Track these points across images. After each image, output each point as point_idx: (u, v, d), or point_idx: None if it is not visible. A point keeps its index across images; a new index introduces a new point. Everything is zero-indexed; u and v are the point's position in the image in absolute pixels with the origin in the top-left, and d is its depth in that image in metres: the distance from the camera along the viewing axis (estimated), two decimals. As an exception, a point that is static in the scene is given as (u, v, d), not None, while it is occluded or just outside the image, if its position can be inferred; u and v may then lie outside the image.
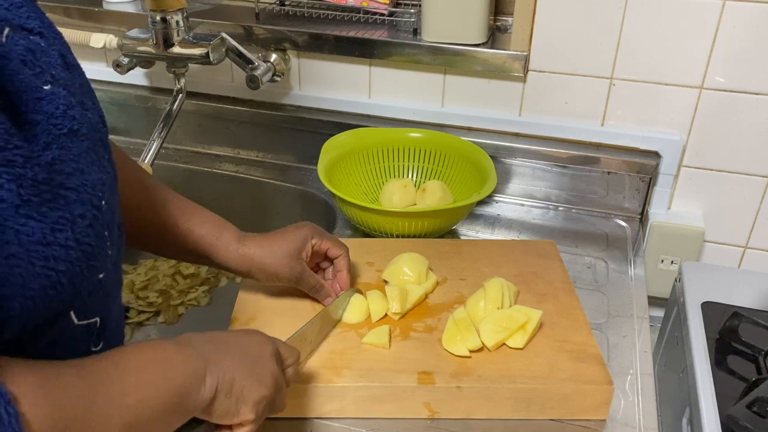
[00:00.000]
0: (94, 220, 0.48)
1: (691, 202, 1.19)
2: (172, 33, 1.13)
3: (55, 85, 0.48)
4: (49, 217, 0.44)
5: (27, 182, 0.43)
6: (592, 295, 0.99)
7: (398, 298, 0.86)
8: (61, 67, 0.51)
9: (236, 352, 0.61)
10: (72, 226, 0.46)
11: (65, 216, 0.45)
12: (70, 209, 0.46)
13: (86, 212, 0.47)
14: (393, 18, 1.22)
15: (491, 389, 0.76)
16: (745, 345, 0.97)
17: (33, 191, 0.43)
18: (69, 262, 0.46)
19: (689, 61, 1.08)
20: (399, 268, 0.91)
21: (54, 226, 0.44)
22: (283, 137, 1.32)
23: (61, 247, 0.45)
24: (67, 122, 0.48)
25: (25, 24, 0.49)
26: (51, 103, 0.47)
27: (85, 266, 0.47)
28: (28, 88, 0.46)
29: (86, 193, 0.48)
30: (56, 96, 0.48)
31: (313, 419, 0.78)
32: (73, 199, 0.46)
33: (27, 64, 0.46)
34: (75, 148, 0.48)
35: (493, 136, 1.21)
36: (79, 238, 0.46)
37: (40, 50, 0.49)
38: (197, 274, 1.25)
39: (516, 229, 1.17)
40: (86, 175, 0.48)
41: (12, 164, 0.42)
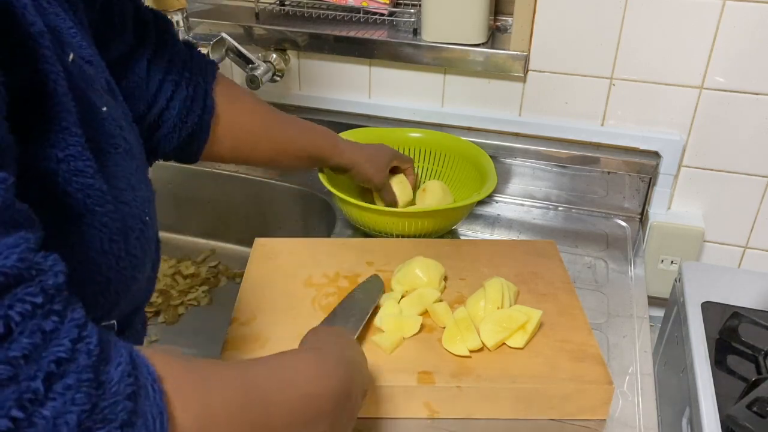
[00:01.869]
0: (141, 234, 0.51)
1: (691, 202, 1.19)
2: (172, 33, 1.13)
3: (109, 108, 0.51)
4: (109, 227, 0.47)
5: (95, 192, 0.46)
6: (592, 295, 0.99)
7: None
8: (107, 92, 0.54)
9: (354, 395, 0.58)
10: (125, 238, 0.49)
11: (120, 228, 0.48)
12: (125, 222, 0.49)
13: (135, 226, 0.51)
14: (393, 18, 1.22)
15: (491, 389, 0.76)
16: (745, 345, 0.97)
17: (98, 201, 0.46)
18: (118, 272, 0.48)
19: (689, 61, 1.09)
20: (411, 270, 0.90)
21: (112, 237, 0.47)
22: (283, 137, 1.32)
23: (114, 256, 0.48)
24: (122, 143, 0.52)
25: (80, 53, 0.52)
26: (110, 125, 0.51)
27: (130, 276, 0.50)
28: (94, 109, 0.49)
29: (137, 208, 0.51)
30: (112, 118, 0.51)
31: (313, 419, 0.77)
32: (127, 213, 0.50)
33: (89, 86, 0.50)
34: (128, 167, 0.52)
35: (493, 136, 1.21)
36: (129, 249, 0.49)
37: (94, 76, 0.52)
38: (197, 274, 1.25)
39: (516, 229, 1.17)
40: (136, 191, 0.52)
41: (83, 174, 0.45)
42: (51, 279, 0.34)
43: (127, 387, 0.36)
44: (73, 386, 0.33)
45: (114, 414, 0.35)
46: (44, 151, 0.43)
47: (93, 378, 0.34)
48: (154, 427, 0.36)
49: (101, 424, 0.34)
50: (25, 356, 0.31)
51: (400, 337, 0.81)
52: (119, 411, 0.35)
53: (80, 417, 0.33)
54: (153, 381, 0.38)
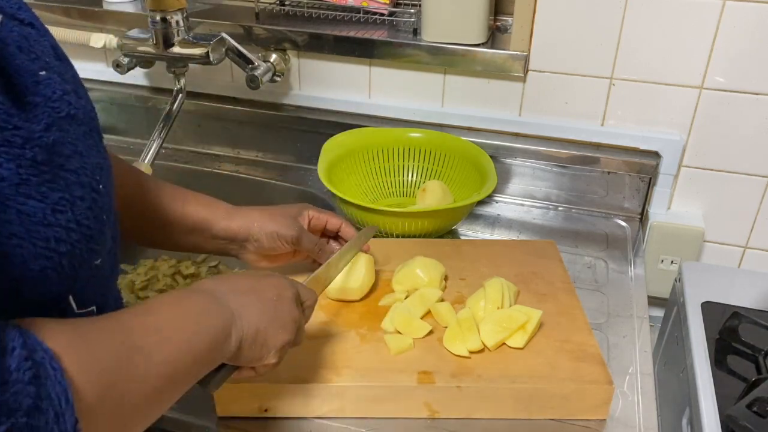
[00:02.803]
0: (93, 203, 0.49)
1: (691, 202, 1.19)
2: (172, 33, 1.13)
3: (50, 72, 0.49)
4: (49, 197, 0.45)
5: (26, 162, 0.43)
6: (592, 295, 0.99)
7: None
8: (54, 57, 0.52)
9: (258, 299, 0.63)
10: (72, 208, 0.47)
11: (65, 197, 0.46)
12: (70, 191, 0.47)
13: (85, 194, 0.48)
14: (393, 18, 1.22)
15: (491, 389, 0.76)
16: (745, 345, 0.97)
17: (32, 171, 0.44)
18: (70, 244, 0.46)
19: (689, 61, 1.08)
20: (411, 270, 0.90)
21: (55, 207, 0.45)
22: (283, 137, 1.32)
23: (62, 228, 0.46)
24: (64, 106, 0.49)
25: (17, 14, 0.50)
26: (48, 87, 0.48)
27: (85, 249, 0.48)
28: (25, 72, 0.46)
29: (85, 176, 0.49)
30: (52, 81, 0.49)
31: (313, 419, 0.78)
32: (72, 181, 0.47)
33: (23, 50, 0.47)
34: (73, 132, 0.49)
35: (493, 136, 1.21)
36: (80, 219, 0.47)
37: (33, 39, 0.50)
38: (197, 274, 1.25)
39: (516, 229, 1.17)
40: (85, 158, 0.49)
41: (11, 144, 0.43)
42: None
43: (26, 372, 0.37)
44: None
45: (18, 403, 0.35)
46: None
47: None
48: (60, 404, 0.38)
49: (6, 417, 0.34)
50: None
51: (410, 341, 0.81)
52: (23, 398, 0.36)
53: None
54: (50, 359, 0.39)
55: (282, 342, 0.64)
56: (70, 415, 0.39)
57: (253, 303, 0.63)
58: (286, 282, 0.69)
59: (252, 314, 0.61)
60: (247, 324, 0.60)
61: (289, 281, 0.69)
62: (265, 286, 0.66)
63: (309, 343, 0.81)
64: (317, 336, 0.83)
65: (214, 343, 0.57)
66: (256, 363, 0.64)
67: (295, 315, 0.67)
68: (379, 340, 0.82)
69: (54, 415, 0.38)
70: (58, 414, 0.38)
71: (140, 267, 1.26)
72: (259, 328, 0.61)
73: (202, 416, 0.78)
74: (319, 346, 0.81)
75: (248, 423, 0.77)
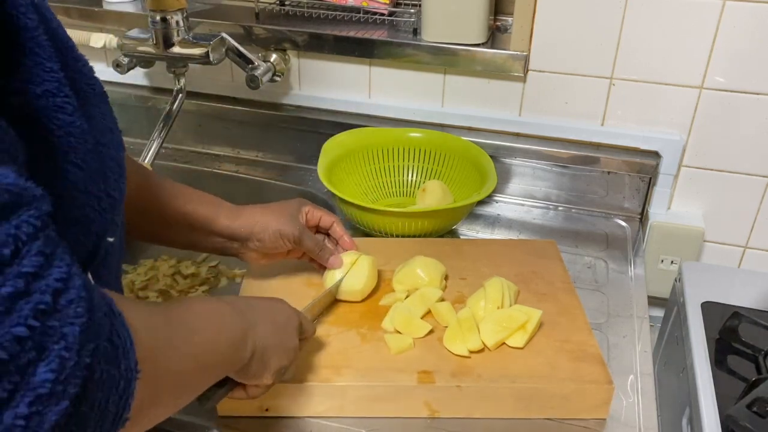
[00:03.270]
0: (119, 177, 0.52)
1: (691, 202, 1.19)
2: (172, 33, 1.13)
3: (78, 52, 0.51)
4: (90, 166, 0.47)
5: (76, 130, 0.45)
6: (592, 295, 0.99)
7: None
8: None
9: (269, 321, 0.65)
10: (104, 179, 0.49)
11: (100, 168, 0.49)
12: (104, 162, 0.49)
13: (114, 167, 0.51)
14: (393, 18, 1.22)
15: (491, 388, 0.76)
16: (745, 345, 0.97)
17: (80, 139, 0.46)
18: (100, 213, 0.49)
19: (689, 61, 1.09)
20: (412, 270, 0.90)
21: (92, 176, 0.47)
22: (283, 137, 1.32)
23: (94, 197, 0.48)
24: (97, 84, 0.51)
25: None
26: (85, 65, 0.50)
27: (110, 219, 0.50)
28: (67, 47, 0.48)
29: (114, 150, 0.51)
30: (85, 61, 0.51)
31: (313, 418, 0.78)
32: (105, 155, 0.50)
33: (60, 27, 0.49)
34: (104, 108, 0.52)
35: (493, 136, 1.21)
36: (109, 191, 0.50)
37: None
38: (197, 274, 1.25)
39: (516, 229, 1.17)
40: (114, 133, 0.52)
41: (63, 111, 0.44)
42: (45, 205, 0.36)
43: (103, 305, 0.40)
44: (75, 300, 0.37)
45: (101, 327, 0.39)
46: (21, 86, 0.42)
47: (87, 296, 0.38)
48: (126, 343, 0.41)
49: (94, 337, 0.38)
50: (35, 274, 0.34)
51: (410, 341, 0.81)
52: (104, 325, 0.39)
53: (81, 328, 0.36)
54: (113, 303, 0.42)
55: (280, 365, 0.66)
56: (133, 355, 0.42)
57: (266, 322, 0.65)
58: (292, 311, 0.71)
59: (265, 331, 0.64)
60: (260, 338, 0.62)
61: (294, 310, 0.71)
62: (277, 311, 0.68)
63: (309, 342, 0.81)
64: (318, 335, 0.83)
65: (234, 345, 0.59)
66: (253, 380, 0.65)
67: (295, 344, 0.69)
68: (379, 339, 0.82)
69: (123, 350, 0.41)
70: (125, 351, 0.41)
71: (140, 267, 1.26)
72: (268, 345, 0.63)
73: (202, 416, 0.78)
74: (320, 346, 0.81)
75: (249, 422, 0.77)
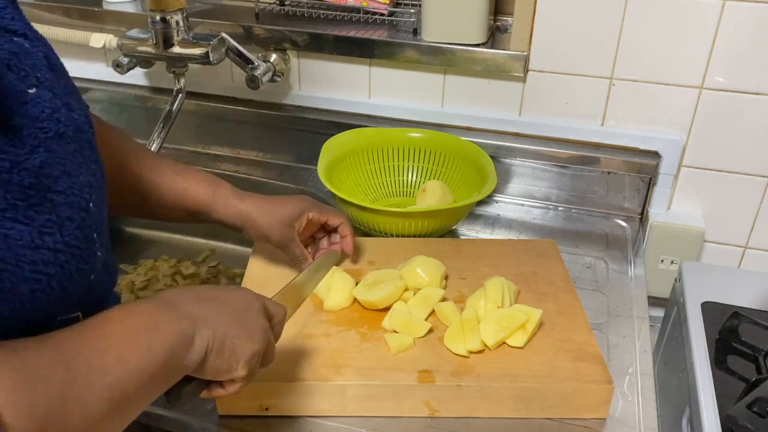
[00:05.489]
0: (82, 223, 0.48)
1: (691, 202, 1.19)
2: (172, 33, 1.13)
3: (40, 88, 0.48)
4: (36, 220, 0.44)
5: (13, 187, 0.43)
6: (592, 295, 0.99)
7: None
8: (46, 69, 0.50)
9: (225, 308, 0.59)
10: (60, 229, 0.46)
11: (52, 219, 0.45)
12: (58, 212, 0.46)
13: (74, 215, 0.47)
14: (393, 18, 1.22)
15: (491, 388, 0.76)
16: (745, 345, 0.97)
17: (19, 195, 0.43)
18: (58, 266, 0.46)
19: (689, 61, 1.09)
20: (412, 270, 0.90)
21: (42, 230, 0.44)
22: (283, 137, 1.32)
23: (49, 250, 0.45)
24: (53, 125, 0.48)
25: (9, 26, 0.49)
26: (36, 107, 0.47)
27: (75, 269, 0.47)
28: (12, 93, 0.45)
29: (74, 196, 0.48)
30: (42, 99, 0.47)
31: (313, 417, 0.78)
32: (60, 202, 0.46)
33: (11, 68, 0.46)
34: (61, 151, 0.48)
35: (493, 136, 1.21)
36: (68, 240, 0.47)
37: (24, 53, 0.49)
38: (197, 274, 1.25)
39: (516, 229, 1.17)
40: (73, 177, 0.48)
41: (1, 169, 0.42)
42: None
43: None
44: None
45: None
46: None
47: None
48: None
49: None
50: None
51: (410, 340, 0.81)
52: None
53: None
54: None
55: (251, 352, 0.59)
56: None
57: (218, 311, 0.58)
58: (252, 295, 0.65)
59: (219, 321, 0.57)
60: (213, 331, 0.56)
61: (256, 295, 0.65)
62: (231, 298, 0.62)
63: (309, 341, 0.81)
64: (317, 335, 0.83)
65: (172, 355, 0.52)
66: (225, 375, 0.58)
67: (263, 325, 0.62)
68: (379, 338, 0.82)
69: None
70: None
71: (140, 267, 1.26)
72: (227, 334, 0.57)
73: (202, 416, 0.78)
74: (320, 345, 0.81)
75: (249, 421, 0.77)
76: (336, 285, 0.88)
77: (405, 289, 0.88)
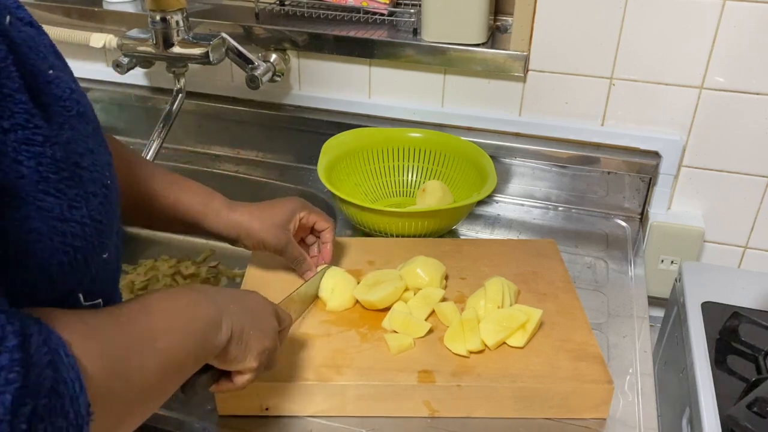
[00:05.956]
0: (104, 199, 0.51)
1: (691, 202, 1.19)
2: (172, 33, 1.13)
3: (56, 70, 0.50)
4: (66, 194, 0.46)
5: (46, 160, 0.45)
6: (592, 295, 0.99)
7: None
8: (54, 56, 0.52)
9: (243, 305, 0.65)
10: (86, 204, 0.48)
11: (80, 194, 0.48)
12: (85, 187, 0.48)
13: (97, 190, 0.50)
14: (393, 18, 1.22)
15: (491, 388, 0.76)
16: (745, 345, 0.97)
17: (51, 168, 0.45)
18: (84, 239, 0.48)
19: (689, 61, 1.09)
20: (412, 270, 0.90)
21: (71, 203, 0.47)
22: (283, 137, 1.32)
23: (77, 223, 0.47)
24: (74, 105, 0.50)
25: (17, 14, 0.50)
26: (58, 87, 0.49)
27: (97, 243, 0.50)
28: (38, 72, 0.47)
29: (97, 172, 0.50)
30: (61, 80, 0.50)
31: (313, 417, 0.78)
32: (86, 178, 0.49)
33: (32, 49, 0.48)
34: (83, 130, 0.50)
35: (493, 136, 1.21)
36: (93, 215, 0.49)
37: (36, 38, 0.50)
38: (197, 274, 1.25)
39: (516, 229, 1.17)
40: (96, 155, 0.51)
41: (32, 143, 0.44)
42: None
43: (44, 356, 0.39)
44: (5, 367, 0.36)
45: (39, 385, 0.38)
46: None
47: (22, 357, 0.37)
48: (74, 389, 0.40)
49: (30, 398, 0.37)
50: None
51: (410, 341, 0.81)
52: (43, 381, 0.38)
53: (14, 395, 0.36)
54: (64, 347, 0.41)
55: (263, 346, 0.65)
56: (83, 399, 0.41)
57: (237, 306, 0.64)
58: (264, 299, 0.70)
59: (238, 314, 0.62)
60: (234, 321, 0.61)
61: (267, 300, 0.70)
62: (248, 297, 0.68)
63: (310, 341, 0.81)
64: (318, 335, 0.83)
65: (207, 332, 0.58)
66: (237, 365, 0.63)
67: (275, 326, 0.68)
68: (379, 339, 0.82)
69: (70, 398, 0.40)
70: (73, 397, 0.40)
71: (140, 267, 1.26)
72: (245, 325, 0.62)
73: (202, 416, 0.78)
74: (320, 345, 0.81)
75: (249, 421, 0.77)
76: (339, 286, 0.88)
77: (405, 289, 0.88)
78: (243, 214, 0.85)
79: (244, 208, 0.86)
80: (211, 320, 0.59)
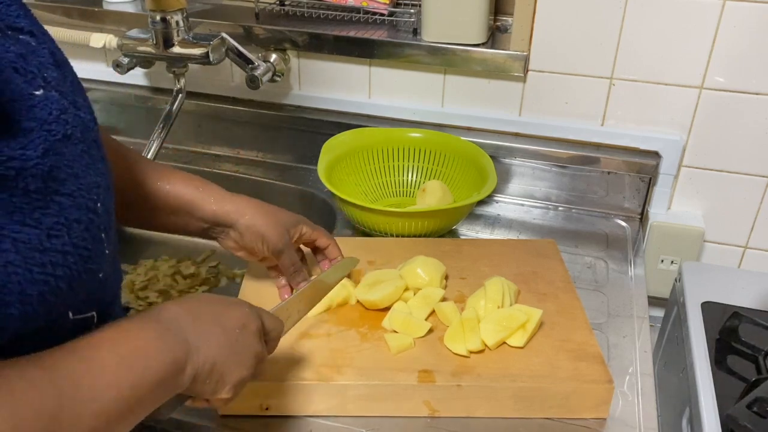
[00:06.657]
0: (90, 224, 0.48)
1: (691, 202, 1.19)
2: (172, 33, 1.13)
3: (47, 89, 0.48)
4: (43, 223, 0.44)
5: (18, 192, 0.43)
6: (592, 295, 0.99)
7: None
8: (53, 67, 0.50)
9: (221, 330, 0.59)
10: (68, 231, 0.46)
11: (60, 221, 0.45)
12: (66, 215, 0.46)
13: (82, 216, 0.47)
14: (393, 18, 1.22)
15: (491, 388, 0.76)
16: (745, 345, 0.97)
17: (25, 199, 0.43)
18: (66, 267, 0.46)
19: (689, 61, 1.09)
20: (412, 269, 0.90)
21: (50, 232, 0.45)
22: (283, 137, 1.32)
23: (58, 252, 0.45)
24: (60, 127, 0.47)
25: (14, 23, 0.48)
26: (44, 109, 0.47)
27: (83, 269, 0.47)
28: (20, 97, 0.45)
29: (81, 198, 0.48)
30: (49, 101, 0.47)
31: (313, 417, 0.78)
32: (68, 205, 0.46)
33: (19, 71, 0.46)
34: (69, 153, 0.48)
35: (493, 136, 1.21)
36: (76, 242, 0.47)
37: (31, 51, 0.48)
38: (197, 274, 1.25)
39: (516, 229, 1.17)
40: (81, 179, 0.48)
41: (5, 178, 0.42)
42: None
43: None
44: None
45: None
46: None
47: None
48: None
49: None
50: None
51: (410, 340, 0.81)
52: None
53: None
54: None
55: (238, 378, 0.60)
56: None
57: (214, 334, 0.58)
58: (252, 313, 0.64)
59: (211, 347, 0.57)
60: (204, 357, 0.56)
61: (256, 311, 0.65)
62: (230, 316, 0.61)
63: (310, 341, 0.81)
64: (318, 335, 0.83)
65: (164, 381, 0.52)
66: (210, 396, 0.59)
67: (257, 350, 0.62)
68: (379, 338, 0.82)
69: None
70: None
71: (140, 267, 1.26)
72: (216, 362, 0.57)
73: (202, 416, 0.78)
74: (320, 345, 0.81)
75: (249, 421, 0.77)
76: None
77: (405, 289, 0.88)
78: (248, 203, 0.82)
79: (248, 199, 0.83)
80: (171, 364, 0.52)
